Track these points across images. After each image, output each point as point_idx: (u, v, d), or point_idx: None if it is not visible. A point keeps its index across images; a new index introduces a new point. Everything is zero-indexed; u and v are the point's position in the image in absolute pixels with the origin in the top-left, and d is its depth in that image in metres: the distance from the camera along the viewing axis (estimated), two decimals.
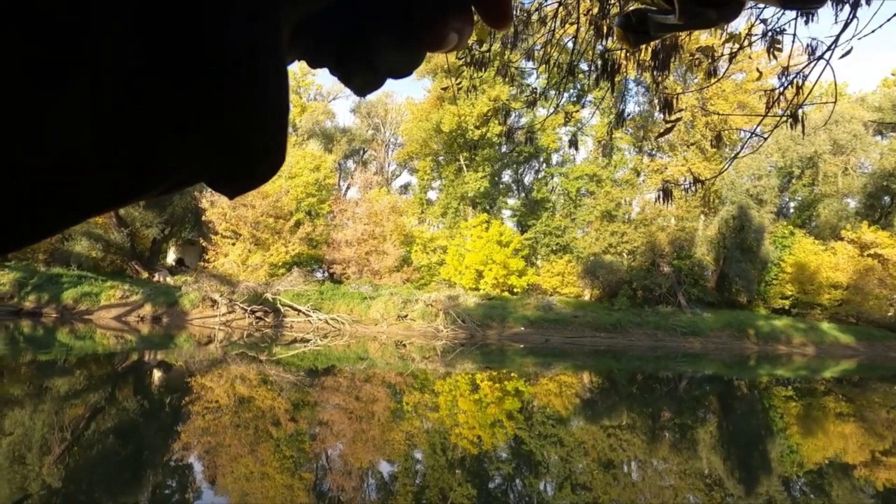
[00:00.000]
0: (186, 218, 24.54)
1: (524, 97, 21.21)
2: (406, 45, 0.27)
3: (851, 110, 27.03)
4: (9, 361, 10.27)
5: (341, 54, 0.28)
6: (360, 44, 0.28)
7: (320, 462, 5.37)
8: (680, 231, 25.24)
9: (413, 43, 0.27)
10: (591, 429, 7.60)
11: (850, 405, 10.53)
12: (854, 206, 27.56)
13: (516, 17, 3.71)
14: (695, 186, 3.79)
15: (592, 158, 29.29)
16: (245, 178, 0.24)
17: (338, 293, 21.02)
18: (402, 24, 0.27)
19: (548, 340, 19.01)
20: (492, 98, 26.12)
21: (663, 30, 0.42)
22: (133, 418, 6.79)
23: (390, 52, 0.28)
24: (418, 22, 0.27)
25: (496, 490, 4.89)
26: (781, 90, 2.96)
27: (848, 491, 5.30)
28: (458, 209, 29.77)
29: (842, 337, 20.90)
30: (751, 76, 24.53)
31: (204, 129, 0.21)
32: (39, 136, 0.18)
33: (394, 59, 0.28)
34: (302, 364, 11.68)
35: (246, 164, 0.23)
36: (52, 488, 4.25)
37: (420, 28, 0.27)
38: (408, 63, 0.29)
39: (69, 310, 18.62)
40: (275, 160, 0.24)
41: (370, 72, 0.29)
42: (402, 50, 0.28)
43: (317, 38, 0.28)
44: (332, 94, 38.34)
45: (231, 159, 0.23)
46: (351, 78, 0.30)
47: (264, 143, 0.23)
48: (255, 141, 0.23)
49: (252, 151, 0.23)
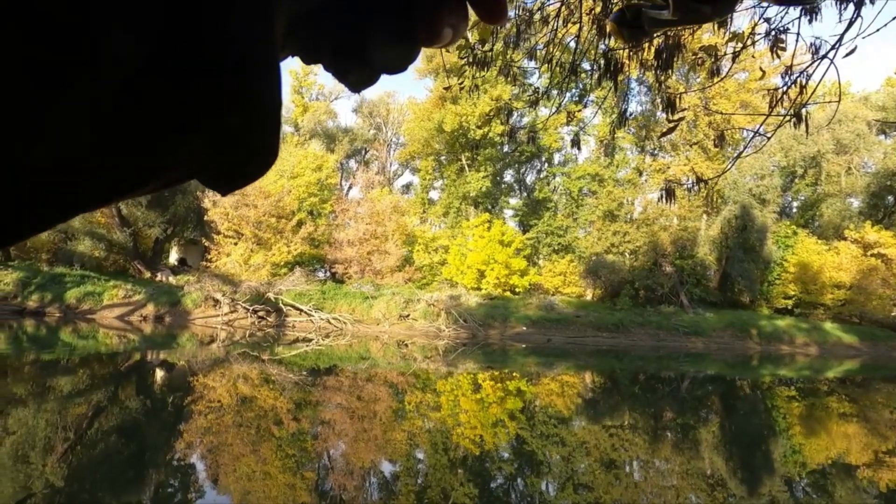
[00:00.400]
0: (189, 218, 24.59)
1: (526, 97, 21.19)
2: (401, 41, 0.28)
3: (855, 109, 26.94)
4: (12, 361, 10.31)
5: (336, 50, 0.28)
6: (355, 39, 0.28)
7: (322, 461, 5.37)
8: (682, 231, 25.18)
9: (408, 38, 0.27)
10: (594, 429, 7.59)
11: (853, 405, 10.50)
12: (857, 205, 27.45)
13: (518, 16, 3.70)
14: (697, 186, 3.81)
15: (595, 158, 29.24)
16: (240, 175, 0.24)
17: (340, 293, 21.04)
18: (397, 19, 0.27)
19: (550, 340, 19.00)
20: (494, 98, 26.09)
21: (658, 25, 0.41)
22: (136, 418, 6.81)
23: (385, 48, 0.28)
24: (414, 17, 0.27)
25: (498, 490, 4.88)
26: (785, 89, 2.95)
27: (851, 492, 5.28)
28: (459, 209, 29.76)
29: (845, 337, 20.83)
30: (754, 75, 24.46)
31: (203, 129, 0.21)
32: (39, 136, 0.18)
33: (389, 55, 0.28)
34: (304, 364, 11.69)
35: (242, 162, 0.24)
36: (56, 487, 4.26)
37: (415, 23, 0.27)
38: (402, 58, 0.29)
39: (72, 309, 18.68)
40: (269, 157, 0.24)
41: (365, 67, 0.29)
42: (398, 45, 0.28)
43: (311, 33, 0.28)
44: (333, 93, 38.35)
45: (228, 158, 0.23)
46: (346, 73, 0.30)
47: (261, 142, 0.23)
48: (252, 140, 0.23)
49: (249, 150, 0.23)
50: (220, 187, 0.25)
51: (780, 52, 2.90)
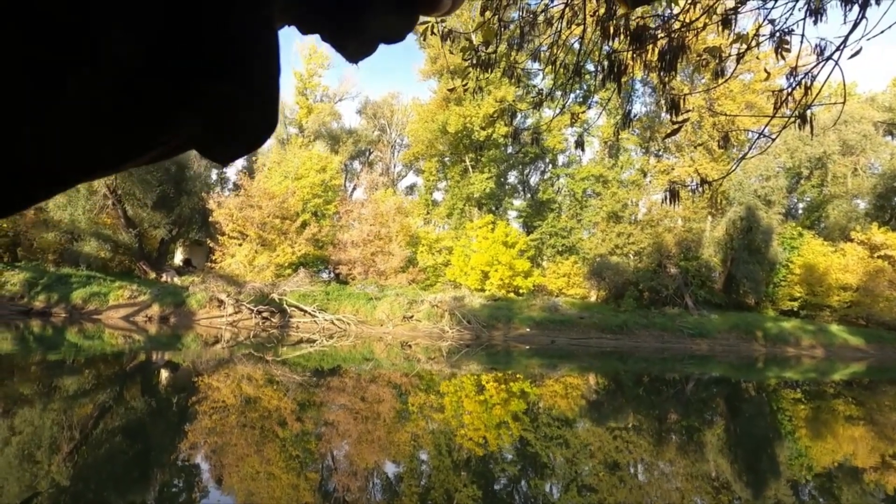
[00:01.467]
0: (194, 219, 24.71)
1: (530, 98, 21.17)
2: (400, 9, 0.27)
3: (861, 110, 26.78)
4: (19, 360, 10.38)
5: (334, 19, 0.28)
6: (354, 8, 0.27)
7: (326, 462, 5.38)
8: (687, 232, 25.09)
9: (407, 6, 0.27)
10: (598, 431, 7.57)
11: (860, 408, 10.42)
12: (864, 207, 27.27)
13: (522, 17, 3.71)
14: (702, 187, 3.79)
15: (599, 159, 29.19)
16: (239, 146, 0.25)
17: (343, 294, 21.08)
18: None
19: (553, 342, 18.96)
20: (498, 99, 26.10)
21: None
22: (141, 418, 6.84)
23: (385, 16, 0.28)
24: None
25: (501, 491, 4.88)
26: (790, 90, 2.94)
27: (857, 495, 5.24)
28: (463, 210, 29.76)
29: (851, 339, 20.68)
30: (759, 76, 24.35)
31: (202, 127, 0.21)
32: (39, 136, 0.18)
33: (388, 23, 0.28)
34: (308, 364, 11.72)
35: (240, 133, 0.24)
36: (61, 486, 4.28)
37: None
38: (401, 27, 0.29)
39: (78, 309, 18.80)
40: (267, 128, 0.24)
41: (363, 36, 0.29)
42: (397, 13, 0.28)
43: (310, 2, 0.27)
44: (338, 95, 38.47)
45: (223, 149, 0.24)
46: (344, 44, 0.29)
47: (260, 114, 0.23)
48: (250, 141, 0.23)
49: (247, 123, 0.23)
50: (219, 158, 0.25)
51: (784, 53, 2.90)
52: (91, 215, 21.19)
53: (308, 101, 36.33)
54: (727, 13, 3.15)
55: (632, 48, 3.18)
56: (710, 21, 3.19)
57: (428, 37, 3.78)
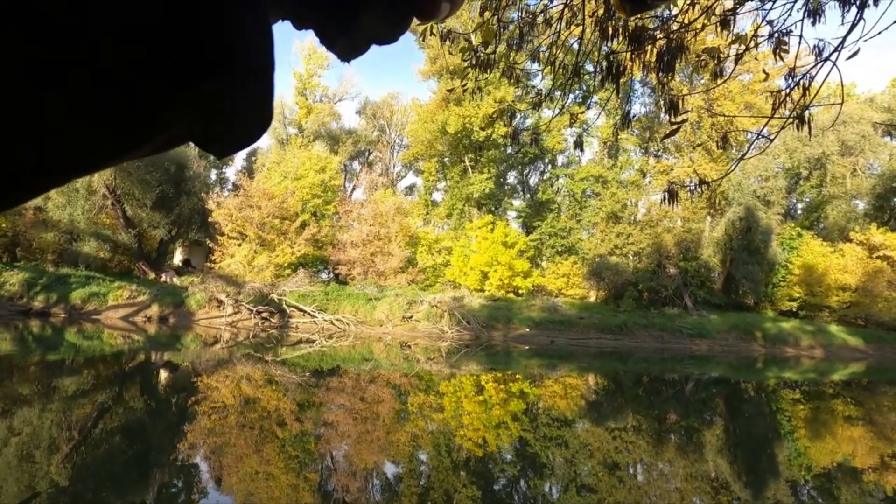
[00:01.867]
0: (193, 219, 24.71)
1: (529, 98, 21.18)
2: (395, 11, 0.27)
3: (860, 111, 26.82)
4: (18, 361, 10.37)
5: (328, 17, 0.28)
6: (348, 7, 0.27)
7: (326, 462, 5.38)
8: (686, 232, 25.11)
9: (402, 9, 0.27)
10: (597, 431, 7.57)
11: (859, 408, 10.43)
12: (863, 207, 27.30)
13: (521, 18, 3.71)
14: (701, 188, 3.79)
15: (598, 160, 29.23)
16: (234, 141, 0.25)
17: (343, 294, 21.07)
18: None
19: (553, 342, 18.97)
20: (497, 99, 26.12)
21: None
22: (140, 418, 6.84)
23: (379, 18, 0.28)
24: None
25: (501, 492, 4.88)
26: (788, 91, 2.95)
27: (857, 495, 5.25)
28: (463, 210, 29.78)
29: (850, 339, 20.71)
30: (757, 77, 24.39)
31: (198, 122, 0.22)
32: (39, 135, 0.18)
33: (381, 25, 0.28)
34: (307, 365, 11.72)
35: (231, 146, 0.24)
36: (61, 486, 4.28)
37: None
38: (394, 29, 0.28)
39: (77, 310, 18.79)
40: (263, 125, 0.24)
41: (355, 35, 0.29)
42: (391, 15, 0.28)
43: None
44: (337, 95, 38.47)
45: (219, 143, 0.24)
46: (335, 41, 0.29)
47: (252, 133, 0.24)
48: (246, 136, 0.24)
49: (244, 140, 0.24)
50: (215, 152, 0.26)
51: (783, 53, 2.90)
52: (90, 215, 21.18)
53: (307, 101, 36.34)
54: (726, 14, 3.16)
55: (630, 49, 3.19)
56: (709, 22, 3.20)
57: (427, 37, 3.78)
